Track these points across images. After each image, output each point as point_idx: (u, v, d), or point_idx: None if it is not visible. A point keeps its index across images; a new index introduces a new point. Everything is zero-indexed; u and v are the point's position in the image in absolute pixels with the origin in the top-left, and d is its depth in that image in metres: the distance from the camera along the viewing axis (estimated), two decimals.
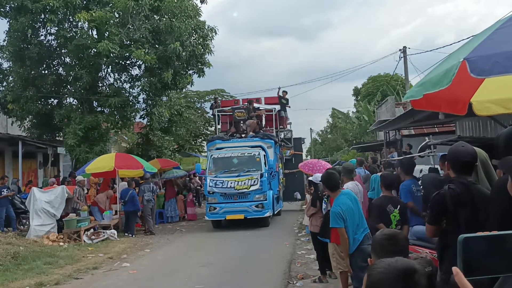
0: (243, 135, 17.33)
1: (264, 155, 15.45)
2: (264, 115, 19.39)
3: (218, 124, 19.41)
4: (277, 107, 19.16)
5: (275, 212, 16.29)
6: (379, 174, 8.32)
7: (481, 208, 3.21)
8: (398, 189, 6.58)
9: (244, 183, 14.64)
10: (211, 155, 15.62)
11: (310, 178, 8.35)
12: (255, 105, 18.83)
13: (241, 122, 18.13)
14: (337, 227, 5.31)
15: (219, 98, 21.15)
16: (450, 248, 3.35)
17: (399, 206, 6.05)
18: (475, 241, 1.60)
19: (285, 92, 19.68)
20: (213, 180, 14.85)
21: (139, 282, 8.59)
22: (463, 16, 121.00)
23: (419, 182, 7.08)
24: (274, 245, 11.72)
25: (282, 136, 19.66)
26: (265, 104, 19.65)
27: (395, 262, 1.74)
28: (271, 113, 19.07)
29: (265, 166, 15.10)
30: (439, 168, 7.41)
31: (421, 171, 9.85)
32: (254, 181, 14.63)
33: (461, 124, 10.98)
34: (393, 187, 6.30)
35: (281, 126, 19.38)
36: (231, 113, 18.69)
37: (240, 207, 14.64)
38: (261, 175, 14.74)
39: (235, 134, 17.50)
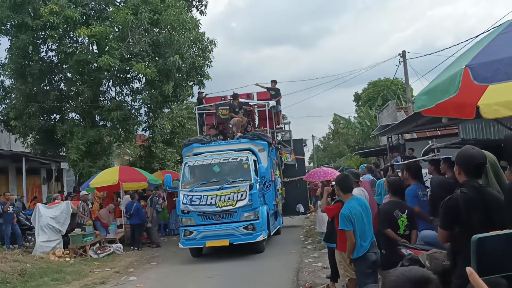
0: (228, 137, 14.22)
1: (255, 161, 12.30)
2: (256, 112, 16.39)
3: (203, 125, 16.29)
4: (272, 102, 15.67)
5: (272, 233, 13.34)
6: (384, 179, 8.29)
7: (494, 211, 3.19)
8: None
9: (229, 198, 11.37)
10: (186, 163, 12.41)
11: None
12: (244, 100, 15.55)
13: (226, 121, 15.01)
14: (345, 230, 5.29)
15: (204, 93, 17.80)
16: (463, 253, 3.33)
17: (406, 211, 6.03)
18: (489, 240, 1.60)
19: (274, 82, 16.46)
20: (188, 195, 11.56)
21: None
22: (462, 19, 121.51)
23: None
24: (280, 253, 11.67)
25: (279, 137, 16.90)
26: (257, 100, 16.22)
27: (409, 271, 1.70)
28: (264, 109, 15.48)
29: (256, 175, 11.82)
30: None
31: (425, 174, 9.85)
32: (242, 195, 11.37)
33: (464, 127, 10.97)
34: (399, 192, 6.29)
35: (278, 126, 16.30)
36: (215, 111, 15.61)
37: (224, 229, 11.37)
38: (251, 187, 11.49)
39: (218, 136, 14.35)
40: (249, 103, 15.90)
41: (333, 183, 7.65)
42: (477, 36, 15.11)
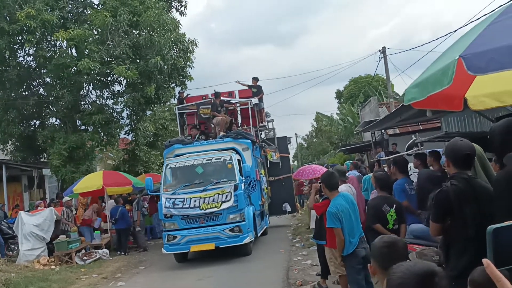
0: (211, 137, 13.79)
1: (239, 160, 11.93)
2: (238, 111, 16.12)
3: (184, 126, 15.88)
4: (254, 100, 15.32)
5: (259, 234, 13.02)
6: (370, 174, 8.33)
7: (485, 202, 3.20)
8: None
9: (213, 199, 10.93)
10: (167, 165, 11.99)
11: None
12: (226, 99, 15.11)
13: (208, 120, 14.59)
14: (333, 227, 5.29)
15: (185, 93, 17.35)
16: (455, 245, 3.34)
17: (395, 205, 6.06)
18: (505, 231, 1.58)
19: (255, 80, 15.95)
20: (170, 198, 11.11)
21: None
22: (438, 13, 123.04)
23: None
24: (269, 253, 11.65)
25: (263, 135, 16.58)
26: (239, 98, 15.81)
27: (414, 266, 1.72)
28: (246, 107, 15.19)
29: (240, 175, 11.41)
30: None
31: (410, 168, 9.93)
32: (227, 196, 10.95)
33: (447, 120, 11.09)
34: (387, 186, 6.32)
35: (261, 124, 15.96)
36: (196, 111, 15.14)
37: (209, 233, 10.94)
38: (236, 187, 11.08)
39: (200, 136, 13.89)
40: (231, 101, 15.54)
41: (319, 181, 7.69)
42: (455, 31, 15.33)
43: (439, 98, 2.78)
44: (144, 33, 16.95)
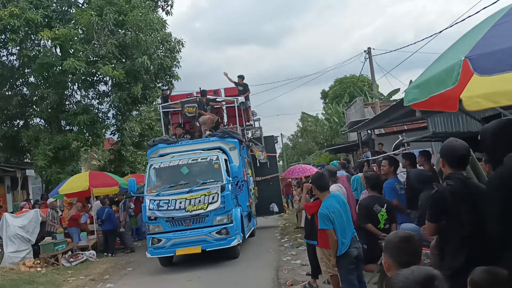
0: (196, 136, 13.59)
1: (226, 160, 11.63)
2: (224, 109, 15.76)
3: (169, 125, 15.47)
4: (240, 98, 15.05)
5: (247, 236, 12.68)
6: (359, 174, 8.41)
7: (479, 202, 3.25)
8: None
9: (199, 201, 10.57)
10: (151, 165, 11.56)
11: None
12: (212, 97, 14.78)
13: (193, 119, 14.20)
14: (325, 229, 5.30)
15: (167, 90, 16.97)
16: (450, 245, 3.38)
17: (385, 205, 6.13)
18: None
19: (240, 78, 15.63)
20: (155, 200, 10.73)
21: None
22: (421, 14, 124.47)
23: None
24: (258, 253, 11.65)
25: (249, 135, 16.29)
26: (225, 96, 15.55)
27: (412, 273, 1.74)
28: (233, 105, 14.88)
29: (227, 175, 11.11)
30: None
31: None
32: (213, 197, 10.61)
33: (433, 120, 11.23)
34: (377, 186, 6.38)
35: (247, 123, 15.65)
36: (180, 109, 14.67)
37: (195, 235, 10.55)
38: (223, 188, 10.74)
39: (185, 136, 13.69)
40: (217, 100, 15.16)
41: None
42: (440, 32, 15.52)
43: (435, 99, 2.81)
44: (130, 33, 16.79)
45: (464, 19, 14.70)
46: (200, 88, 14.42)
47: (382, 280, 5.82)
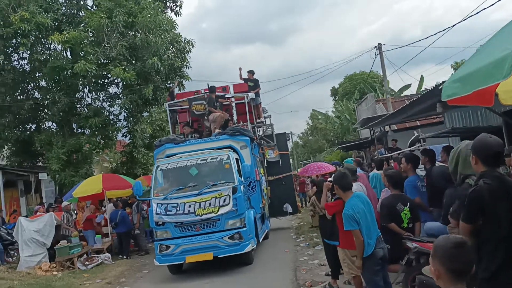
0: (205, 135, 12.91)
1: (237, 159, 10.92)
2: (234, 106, 14.95)
3: (176, 124, 14.77)
4: (251, 94, 14.31)
5: (261, 239, 11.93)
6: (378, 172, 8.25)
7: None
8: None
9: (210, 204, 9.85)
10: (157, 167, 10.86)
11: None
12: (221, 93, 14.05)
13: (202, 117, 13.56)
14: (351, 230, 5.15)
15: (176, 87, 16.39)
16: (487, 246, 3.23)
17: (408, 203, 5.99)
18: None
19: (250, 73, 14.88)
20: (162, 204, 10.05)
21: None
22: (428, 10, 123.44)
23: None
24: (274, 254, 11.51)
25: (260, 132, 15.49)
26: (234, 93, 14.75)
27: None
28: (243, 101, 14.00)
29: (239, 176, 10.39)
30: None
31: None
32: (225, 200, 9.88)
33: (450, 116, 11.01)
34: (399, 185, 6.23)
35: (258, 120, 14.88)
36: (188, 107, 14.02)
37: (206, 241, 9.83)
38: (234, 190, 10.01)
39: (194, 135, 13.04)
40: (226, 96, 14.35)
41: (330, 179, 7.55)
42: (453, 26, 15.27)
43: (473, 94, 2.67)
44: (140, 34, 16.76)
45: (478, 12, 14.43)
46: (208, 85, 13.78)
47: (406, 280, 5.68)
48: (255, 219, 11.03)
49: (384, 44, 24.46)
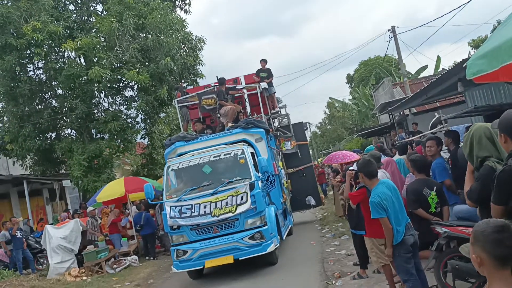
0: (218, 130, 12.15)
1: (252, 153, 10.26)
2: (246, 99, 14.31)
3: (184, 121, 14.17)
4: (263, 84, 13.66)
5: (284, 237, 11.12)
6: (401, 157, 8.06)
7: None
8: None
9: (226, 203, 9.14)
10: (168, 167, 10.20)
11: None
12: (231, 85, 13.37)
13: (213, 112, 12.95)
14: (379, 217, 5.02)
15: (184, 86, 15.72)
16: None
17: (435, 187, 5.82)
18: None
19: (264, 62, 14.26)
20: (176, 206, 9.36)
21: None
22: None
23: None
24: (300, 245, 11.43)
25: (276, 123, 14.80)
26: (246, 84, 14.06)
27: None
28: (255, 91, 13.32)
29: (256, 171, 9.69)
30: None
31: None
32: (242, 198, 9.16)
33: (471, 94, 10.73)
34: (424, 169, 6.07)
35: (273, 111, 14.15)
36: (198, 102, 13.25)
37: (225, 243, 9.13)
38: (252, 186, 9.27)
39: (206, 131, 12.38)
40: (237, 88, 13.64)
41: (352, 167, 7.41)
42: (468, 2, 14.87)
43: (503, 69, 2.51)
44: (151, 35, 16.79)
45: None
46: (217, 77, 13.02)
47: (438, 266, 5.53)
48: (277, 216, 10.32)
49: (397, 27, 24.05)
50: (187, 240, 9.37)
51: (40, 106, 18.74)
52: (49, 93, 19.01)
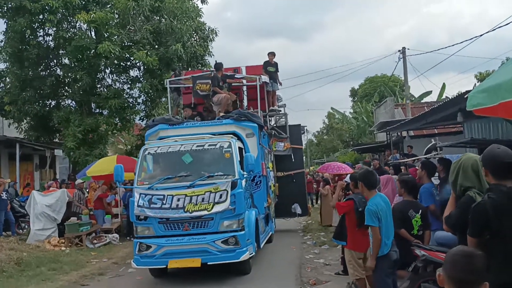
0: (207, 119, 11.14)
1: (241, 148, 9.32)
2: (245, 91, 13.30)
3: (174, 106, 13.18)
4: (264, 77, 12.50)
5: (262, 244, 10.12)
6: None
7: None
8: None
9: (203, 199, 8.18)
10: (145, 149, 9.18)
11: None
12: (230, 73, 12.33)
13: (207, 99, 11.84)
14: (372, 226, 5.13)
15: (179, 70, 14.43)
16: (494, 260, 3.18)
17: (421, 210, 5.94)
18: None
19: (272, 55, 13.28)
20: (146, 195, 8.35)
21: (151, 285, 8.38)
22: (456, 16, 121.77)
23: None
24: (280, 248, 11.52)
25: (273, 122, 14.06)
26: (246, 75, 12.93)
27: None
28: (254, 83, 12.23)
29: (241, 168, 8.67)
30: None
31: None
32: (221, 196, 8.18)
33: (470, 126, 10.88)
34: (414, 191, 6.18)
35: (271, 108, 13.19)
36: (191, 85, 12.18)
37: (195, 244, 8.17)
38: (234, 184, 8.32)
39: (196, 118, 11.33)
40: (236, 77, 12.60)
41: (347, 178, 7.52)
42: (481, 35, 15.05)
43: (502, 105, 2.62)
44: (165, 20, 16.85)
45: (506, 24, 14.18)
46: (216, 61, 12.24)
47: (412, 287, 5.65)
48: (257, 221, 9.36)
49: (408, 49, 24.24)
50: (153, 234, 8.39)
51: (44, 73, 18.73)
52: (55, 61, 18.99)
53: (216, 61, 12.49)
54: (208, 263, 8.14)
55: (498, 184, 3.21)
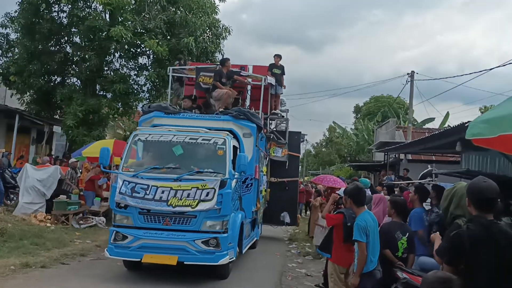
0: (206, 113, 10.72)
1: (236, 147, 9.05)
2: (248, 91, 12.93)
3: (175, 96, 13.02)
4: (270, 78, 12.29)
5: (245, 250, 9.86)
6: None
7: (505, 248, 3.03)
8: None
9: (188, 194, 7.83)
10: (135, 135, 8.85)
11: None
12: (236, 69, 11.96)
13: (207, 92, 11.45)
14: (360, 241, 5.14)
15: (184, 59, 14.42)
16: None
17: (408, 233, 5.94)
18: None
19: (278, 57, 13.16)
20: (130, 182, 7.99)
21: (128, 274, 8.34)
22: (468, 47, 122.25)
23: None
24: (263, 253, 11.52)
25: (273, 126, 13.82)
26: (253, 74, 12.67)
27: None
28: (259, 83, 11.98)
29: (233, 168, 8.36)
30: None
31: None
32: (208, 193, 7.83)
33: (467, 157, 10.90)
34: (403, 213, 6.19)
35: (273, 111, 12.92)
36: (194, 77, 11.93)
37: (173, 240, 7.80)
38: (223, 184, 8.02)
39: (194, 110, 10.76)
40: (242, 74, 12.25)
41: (339, 192, 7.52)
42: (491, 69, 15.10)
43: (499, 138, 2.64)
44: (180, 12, 16.88)
45: None
46: (223, 55, 12.21)
47: None
48: (242, 225, 9.05)
49: (417, 73, 24.31)
50: (132, 224, 8.02)
51: (54, 48, 18.73)
52: (66, 38, 18.99)
53: (223, 55, 12.35)
54: (185, 263, 7.80)
55: (479, 216, 3.24)
